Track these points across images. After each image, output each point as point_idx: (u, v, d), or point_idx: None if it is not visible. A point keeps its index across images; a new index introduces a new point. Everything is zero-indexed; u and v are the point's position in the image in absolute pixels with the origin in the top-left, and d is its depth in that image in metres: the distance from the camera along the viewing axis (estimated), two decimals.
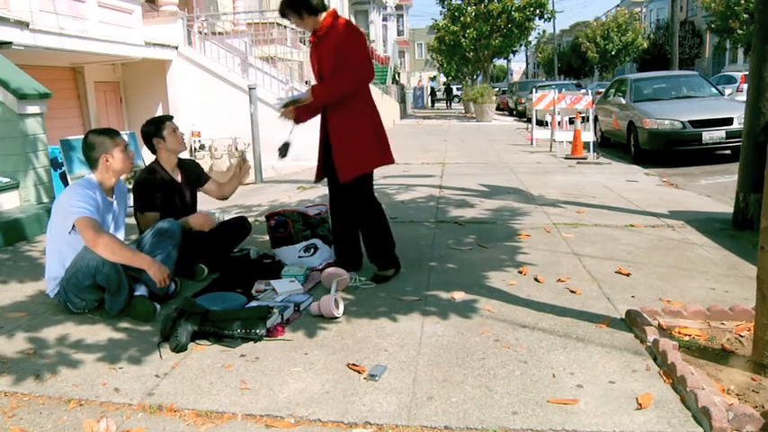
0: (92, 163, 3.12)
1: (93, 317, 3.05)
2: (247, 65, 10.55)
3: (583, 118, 10.32)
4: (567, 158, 9.34)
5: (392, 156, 3.50)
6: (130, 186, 4.16)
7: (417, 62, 55.73)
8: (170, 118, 3.75)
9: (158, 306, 3.05)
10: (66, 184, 5.74)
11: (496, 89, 30.16)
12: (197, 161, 4.14)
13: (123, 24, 8.57)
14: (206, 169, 8.65)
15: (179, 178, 3.72)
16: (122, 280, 2.96)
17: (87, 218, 2.88)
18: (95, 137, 3.11)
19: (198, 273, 3.60)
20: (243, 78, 9.80)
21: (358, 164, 3.32)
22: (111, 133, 3.16)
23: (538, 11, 22.92)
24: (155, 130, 3.62)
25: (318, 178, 3.58)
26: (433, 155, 10.28)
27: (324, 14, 3.25)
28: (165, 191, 3.59)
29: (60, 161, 5.78)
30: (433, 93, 43.04)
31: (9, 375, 2.43)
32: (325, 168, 3.50)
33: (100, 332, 2.86)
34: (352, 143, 3.30)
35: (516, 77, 60.82)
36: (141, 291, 3.07)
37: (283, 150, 3.48)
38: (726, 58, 33.79)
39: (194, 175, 3.84)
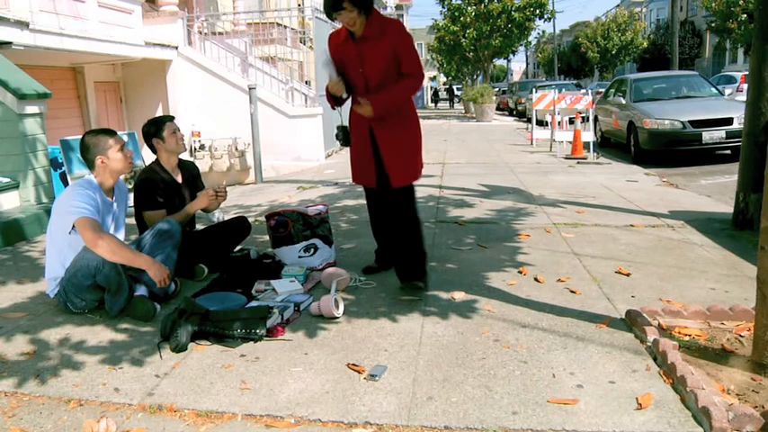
0: (89, 164, 3.12)
1: (93, 317, 3.05)
2: (247, 65, 10.54)
3: (583, 118, 10.32)
4: (567, 158, 9.34)
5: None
6: (131, 186, 4.16)
7: None
8: (171, 118, 3.74)
9: (158, 306, 3.05)
10: (66, 184, 5.75)
11: (496, 89, 30.16)
12: (196, 164, 4.13)
13: (123, 24, 8.57)
14: (206, 169, 8.69)
15: (179, 179, 3.72)
16: (122, 280, 2.96)
17: (87, 218, 2.88)
18: (91, 138, 3.11)
19: (198, 273, 3.60)
20: (243, 78, 9.80)
21: (413, 170, 3.31)
22: (108, 133, 3.15)
23: (538, 11, 22.89)
24: (155, 130, 3.62)
25: (361, 181, 3.45)
26: (432, 155, 10.27)
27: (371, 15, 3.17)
28: (165, 191, 3.59)
29: (60, 161, 5.78)
30: (435, 93, 43.12)
31: (9, 375, 2.43)
32: (368, 173, 3.35)
33: (100, 332, 2.86)
34: (407, 148, 3.28)
35: (516, 77, 60.85)
36: (141, 291, 3.07)
37: (341, 136, 3.38)
38: (726, 58, 33.79)
39: (193, 178, 3.83)
